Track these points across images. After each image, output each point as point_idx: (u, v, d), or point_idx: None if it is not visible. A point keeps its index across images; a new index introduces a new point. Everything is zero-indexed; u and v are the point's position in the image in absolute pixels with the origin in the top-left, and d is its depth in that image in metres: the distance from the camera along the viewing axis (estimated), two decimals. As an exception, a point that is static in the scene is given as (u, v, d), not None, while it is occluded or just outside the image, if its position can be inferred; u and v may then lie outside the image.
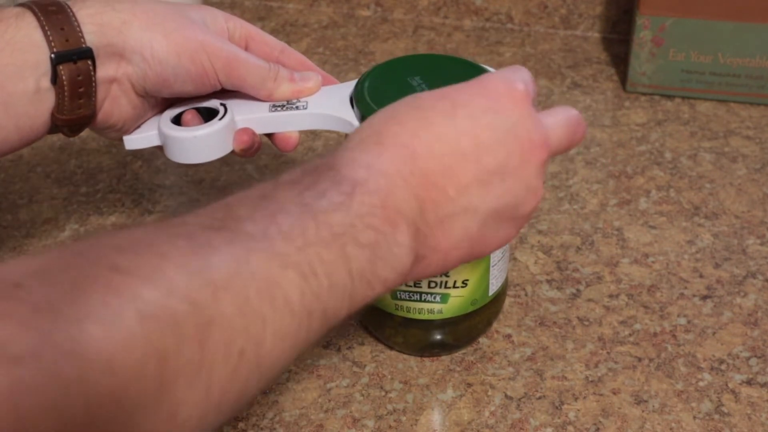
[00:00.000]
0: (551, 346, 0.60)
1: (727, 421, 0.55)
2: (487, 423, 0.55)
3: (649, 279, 0.65)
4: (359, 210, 0.38)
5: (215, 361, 0.32)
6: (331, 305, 0.37)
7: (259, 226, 0.35)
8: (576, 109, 0.46)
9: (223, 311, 0.32)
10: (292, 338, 0.35)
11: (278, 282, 0.34)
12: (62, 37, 0.51)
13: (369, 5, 0.96)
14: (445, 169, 0.41)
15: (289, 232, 0.35)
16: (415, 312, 0.56)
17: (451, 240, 0.42)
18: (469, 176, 0.41)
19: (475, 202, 0.42)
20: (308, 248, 0.36)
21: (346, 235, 0.37)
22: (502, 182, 0.42)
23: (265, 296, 0.34)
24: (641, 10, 0.79)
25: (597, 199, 0.72)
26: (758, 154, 0.76)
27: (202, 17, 0.56)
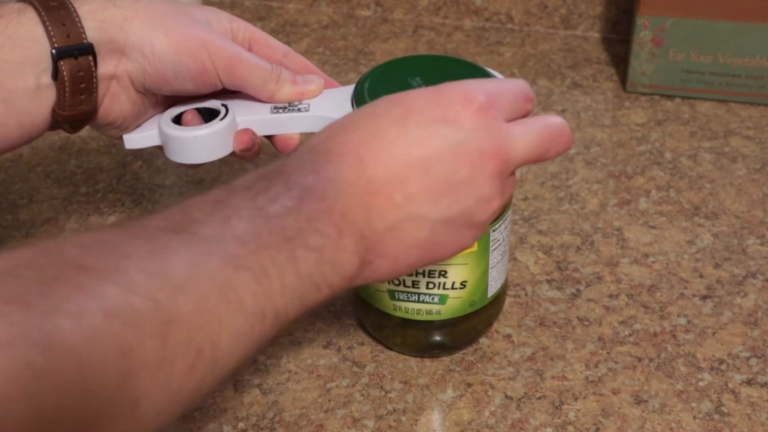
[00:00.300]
0: (551, 346, 0.60)
1: (727, 421, 0.55)
2: (487, 423, 0.55)
3: (649, 279, 0.65)
4: (308, 215, 0.39)
5: (175, 357, 0.33)
6: (282, 306, 0.38)
7: (215, 230, 0.37)
8: (562, 118, 0.46)
9: (181, 310, 0.33)
10: (246, 338, 0.36)
11: (233, 283, 0.36)
12: (63, 33, 0.51)
13: (369, 5, 0.96)
14: (393, 177, 0.41)
15: (243, 235, 0.37)
16: (413, 313, 0.56)
17: (400, 247, 0.43)
18: (417, 185, 0.42)
19: (423, 210, 0.42)
20: (261, 251, 0.37)
21: (296, 239, 0.38)
22: (452, 192, 0.43)
23: (221, 297, 0.35)
24: (641, 10, 0.79)
25: (597, 199, 0.72)
26: (758, 154, 0.76)
27: (205, 17, 0.56)
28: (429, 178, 0.42)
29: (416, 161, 0.42)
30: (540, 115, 0.46)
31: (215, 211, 0.37)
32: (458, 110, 0.42)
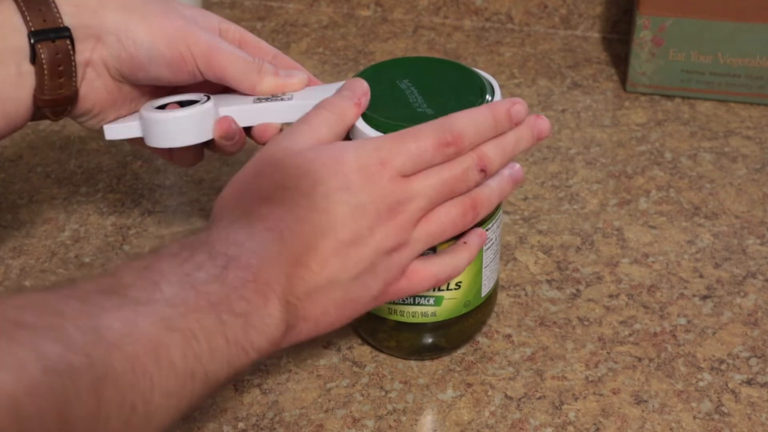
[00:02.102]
0: (551, 346, 0.60)
1: (727, 421, 0.55)
2: (487, 423, 0.55)
3: (649, 279, 0.65)
4: (233, 283, 0.41)
5: (110, 414, 0.34)
6: (211, 369, 0.39)
7: (145, 293, 0.38)
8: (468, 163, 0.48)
9: (115, 367, 0.35)
10: (177, 397, 0.38)
11: (164, 343, 0.37)
12: (40, 18, 0.52)
13: (369, 5, 0.96)
14: (309, 246, 0.45)
15: (172, 298, 0.38)
16: (409, 315, 0.56)
17: (319, 309, 0.46)
18: (328, 250, 0.45)
19: (336, 273, 0.45)
20: (189, 314, 0.39)
21: (222, 305, 0.40)
22: (357, 252, 0.46)
23: (152, 356, 0.36)
24: (641, 10, 0.79)
25: (597, 199, 0.72)
26: (758, 154, 0.76)
27: (191, 12, 0.56)
28: (336, 242, 0.45)
29: (325, 228, 0.45)
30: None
31: (144, 275, 0.39)
32: (355, 178, 0.46)
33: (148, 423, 0.36)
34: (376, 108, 0.51)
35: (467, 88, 0.53)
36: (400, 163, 0.46)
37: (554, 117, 0.81)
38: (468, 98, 0.52)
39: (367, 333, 0.60)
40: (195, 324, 0.39)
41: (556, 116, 0.81)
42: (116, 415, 0.34)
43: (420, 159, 0.47)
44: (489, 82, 0.54)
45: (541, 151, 0.77)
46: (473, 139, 0.48)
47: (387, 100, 0.52)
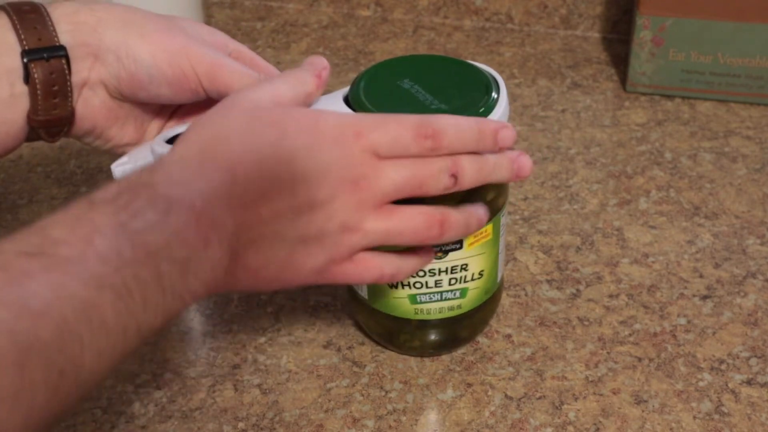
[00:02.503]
0: (551, 346, 0.60)
1: (727, 421, 0.55)
2: (487, 423, 0.55)
3: (649, 279, 0.65)
4: (174, 227, 0.39)
5: (36, 385, 0.33)
6: (145, 321, 0.38)
7: (75, 249, 0.36)
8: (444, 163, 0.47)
9: (41, 336, 0.33)
10: (109, 356, 0.37)
11: (95, 303, 0.36)
12: (35, 36, 0.50)
13: (369, 5, 0.96)
14: (263, 194, 0.43)
15: (106, 253, 0.37)
16: (435, 312, 0.56)
17: (260, 261, 0.44)
18: (283, 203, 0.43)
19: (284, 228, 0.44)
20: (124, 269, 0.37)
21: (160, 254, 0.38)
22: (311, 212, 0.44)
23: (83, 318, 0.35)
24: (641, 10, 0.79)
25: (597, 199, 0.72)
26: (758, 154, 0.76)
27: (197, 29, 0.55)
28: (293, 197, 0.44)
29: (284, 181, 0.43)
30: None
31: (76, 229, 0.37)
32: (326, 139, 0.45)
33: (78, 386, 0.35)
34: (387, 106, 0.51)
35: (473, 84, 0.53)
36: (376, 138, 0.45)
37: (554, 117, 0.81)
38: (474, 94, 0.52)
39: (385, 338, 0.59)
40: (130, 278, 0.37)
41: (556, 116, 0.81)
42: (43, 385, 0.33)
43: (396, 142, 0.46)
44: (494, 78, 0.54)
45: (541, 151, 0.77)
46: (453, 141, 0.47)
47: (396, 98, 0.52)
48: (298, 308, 0.64)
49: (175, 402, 0.57)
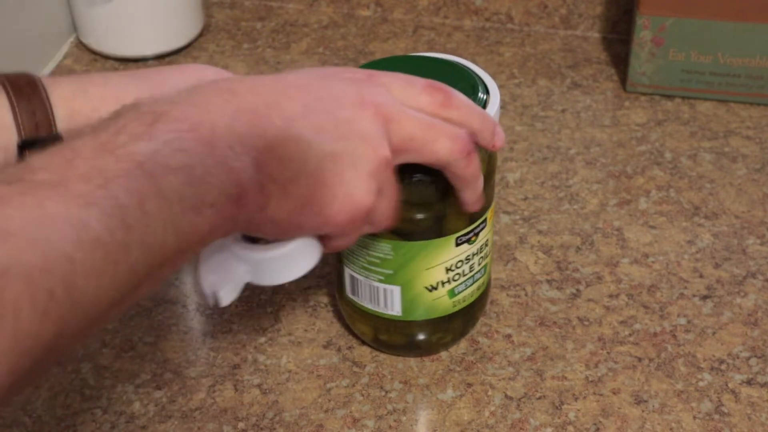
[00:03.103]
0: (551, 346, 0.60)
1: (727, 421, 0.55)
2: (487, 423, 0.55)
3: (649, 279, 0.65)
4: (164, 136, 0.37)
5: (20, 306, 0.32)
6: (150, 234, 0.36)
7: (55, 174, 0.35)
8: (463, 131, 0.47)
9: (20, 258, 0.32)
10: (110, 275, 0.35)
11: (82, 221, 0.34)
12: (32, 122, 0.49)
13: (369, 5, 0.96)
14: (268, 103, 0.41)
15: (88, 172, 0.35)
16: (468, 297, 0.58)
17: (287, 173, 0.41)
18: (296, 108, 0.42)
19: (306, 134, 0.42)
20: (110, 183, 0.35)
21: (150, 162, 0.36)
22: (336, 127, 0.43)
23: (69, 237, 0.33)
24: (641, 10, 0.79)
25: (597, 199, 0.72)
26: (758, 154, 0.76)
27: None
28: (309, 110, 0.42)
29: (291, 86, 0.42)
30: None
31: (55, 156, 0.36)
32: (342, 72, 0.45)
33: (74, 307, 0.33)
34: None
35: (459, 85, 0.52)
36: (388, 79, 0.45)
37: (554, 117, 0.81)
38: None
39: (426, 349, 0.59)
40: (119, 191, 0.35)
41: (556, 116, 0.81)
42: (29, 307, 0.32)
43: (409, 85, 0.46)
44: (481, 78, 0.54)
45: (541, 151, 0.77)
46: (461, 107, 0.47)
47: None
48: (298, 308, 0.64)
49: (175, 402, 0.57)
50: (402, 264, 0.54)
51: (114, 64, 0.89)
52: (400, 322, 0.57)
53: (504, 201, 0.72)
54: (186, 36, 0.90)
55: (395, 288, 0.55)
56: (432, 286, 0.55)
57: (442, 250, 0.54)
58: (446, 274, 0.55)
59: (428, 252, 0.53)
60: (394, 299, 0.55)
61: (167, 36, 0.89)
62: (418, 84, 0.46)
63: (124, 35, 0.88)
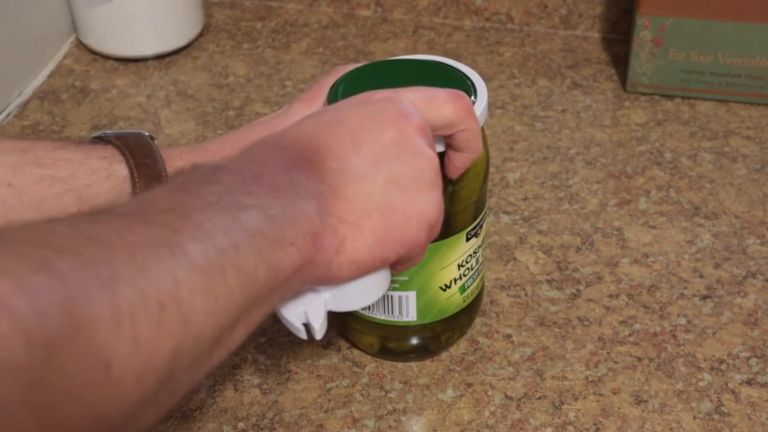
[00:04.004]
0: (551, 346, 0.60)
1: (727, 421, 0.55)
2: (487, 423, 0.55)
3: (649, 279, 0.65)
4: (230, 182, 0.38)
5: (135, 310, 0.32)
6: (242, 261, 0.36)
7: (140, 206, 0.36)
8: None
9: (124, 268, 0.32)
10: (212, 296, 0.35)
11: (175, 242, 0.34)
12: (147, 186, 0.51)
13: (369, 5, 0.96)
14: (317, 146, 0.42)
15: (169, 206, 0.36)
16: (475, 290, 0.58)
17: (357, 211, 0.42)
18: (344, 145, 0.42)
19: (363, 170, 0.42)
20: (192, 214, 0.36)
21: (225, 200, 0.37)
22: (385, 152, 0.43)
23: (165, 256, 0.34)
24: (641, 10, 0.79)
25: (597, 199, 0.72)
26: (758, 154, 0.76)
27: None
28: (358, 142, 0.43)
29: (337, 130, 0.43)
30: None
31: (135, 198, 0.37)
32: (368, 97, 0.45)
33: (186, 324, 0.34)
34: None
35: (449, 86, 0.52)
36: (413, 96, 0.46)
37: (554, 117, 0.81)
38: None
39: (434, 348, 0.60)
40: (202, 220, 0.36)
41: (556, 116, 0.81)
42: (144, 313, 0.32)
43: (434, 97, 0.47)
44: (471, 80, 0.53)
45: (541, 151, 0.77)
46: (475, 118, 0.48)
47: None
48: (298, 308, 0.64)
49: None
50: (417, 268, 0.54)
51: (114, 64, 0.89)
52: (412, 327, 0.57)
53: (504, 201, 0.72)
54: (186, 36, 0.90)
55: (410, 294, 0.55)
56: (446, 285, 0.55)
57: (455, 247, 0.54)
58: (458, 271, 0.55)
59: (443, 251, 0.54)
60: (410, 305, 0.56)
61: (167, 36, 0.89)
62: (441, 96, 0.47)
63: (124, 35, 0.88)
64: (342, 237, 0.41)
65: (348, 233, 0.42)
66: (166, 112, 0.83)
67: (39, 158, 0.50)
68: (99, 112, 0.83)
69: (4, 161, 0.49)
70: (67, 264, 0.31)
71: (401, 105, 0.45)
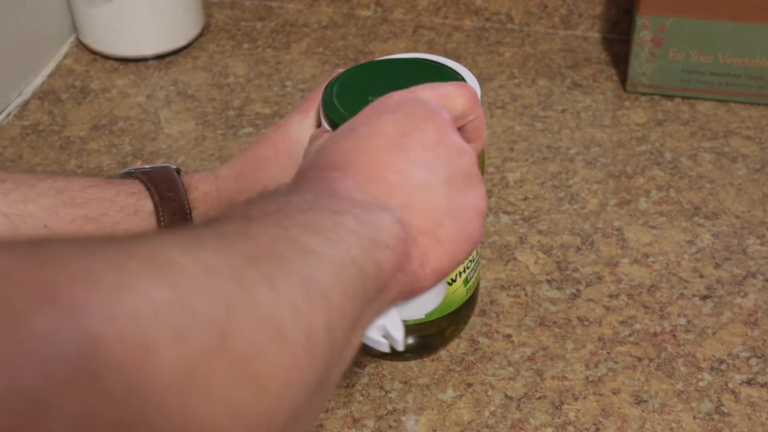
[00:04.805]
0: (551, 346, 0.60)
1: (727, 421, 0.55)
2: (487, 423, 0.55)
3: (649, 279, 0.65)
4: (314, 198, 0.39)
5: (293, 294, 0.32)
6: (357, 255, 0.37)
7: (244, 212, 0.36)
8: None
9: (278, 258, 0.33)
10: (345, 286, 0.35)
11: (293, 237, 0.35)
12: (172, 220, 0.52)
13: (369, 5, 0.96)
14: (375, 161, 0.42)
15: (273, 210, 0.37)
16: (475, 281, 0.58)
17: (429, 220, 0.42)
18: (397, 156, 0.43)
19: (423, 178, 0.42)
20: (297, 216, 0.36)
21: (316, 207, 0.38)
22: (435, 154, 0.43)
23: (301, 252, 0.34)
24: (641, 10, 0.79)
25: (597, 199, 0.72)
26: (758, 154, 0.76)
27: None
28: (408, 150, 0.43)
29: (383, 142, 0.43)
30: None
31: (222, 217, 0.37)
32: (386, 102, 0.45)
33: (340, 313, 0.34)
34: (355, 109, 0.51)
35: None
36: (428, 94, 0.46)
37: (554, 117, 0.81)
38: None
39: (438, 344, 0.60)
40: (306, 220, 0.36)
41: (556, 116, 0.81)
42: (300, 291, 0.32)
43: (447, 92, 0.47)
44: (462, 77, 0.53)
45: (541, 151, 0.77)
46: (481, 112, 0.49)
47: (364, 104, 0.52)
48: (298, 308, 0.64)
49: (175, 402, 0.57)
50: None
51: (114, 64, 0.89)
52: (417, 325, 0.57)
53: (504, 201, 0.72)
54: (186, 36, 0.90)
55: None
56: (452, 279, 0.55)
57: None
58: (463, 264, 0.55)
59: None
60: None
61: (167, 36, 0.89)
62: (451, 89, 0.47)
63: (124, 35, 0.88)
64: (423, 247, 0.42)
65: (428, 243, 0.42)
66: (166, 112, 0.83)
67: (73, 198, 0.52)
68: (99, 112, 0.83)
69: (42, 204, 0.51)
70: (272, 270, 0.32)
71: (427, 104, 0.45)
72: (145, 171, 0.55)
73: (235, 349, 0.29)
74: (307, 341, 0.32)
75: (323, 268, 0.34)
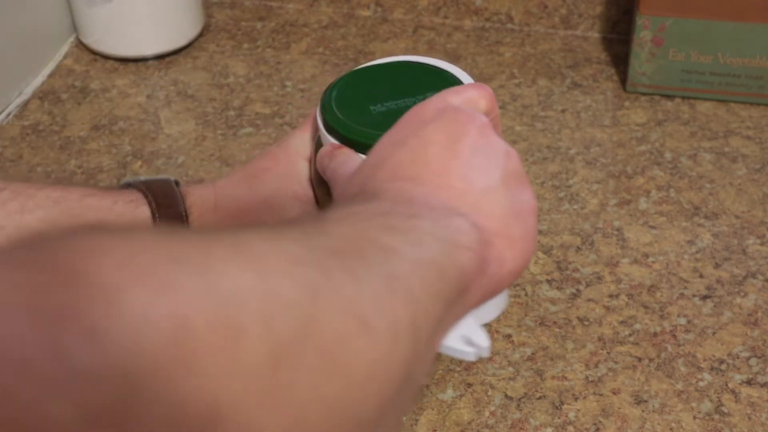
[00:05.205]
0: (551, 346, 0.60)
1: (727, 421, 0.55)
2: (487, 423, 0.55)
3: (649, 279, 0.65)
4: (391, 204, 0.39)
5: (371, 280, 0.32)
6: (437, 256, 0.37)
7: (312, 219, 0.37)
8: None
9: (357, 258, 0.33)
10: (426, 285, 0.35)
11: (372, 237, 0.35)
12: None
13: (369, 5, 0.96)
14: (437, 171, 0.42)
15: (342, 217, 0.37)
16: None
17: (497, 222, 0.42)
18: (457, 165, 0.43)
19: (483, 182, 0.43)
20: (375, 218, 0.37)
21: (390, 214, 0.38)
22: (486, 158, 0.43)
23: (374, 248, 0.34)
24: (641, 10, 0.79)
25: (597, 199, 0.72)
26: (758, 154, 0.76)
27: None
28: (463, 157, 0.43)
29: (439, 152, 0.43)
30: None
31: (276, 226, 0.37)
32: (421, 111, 0.45)
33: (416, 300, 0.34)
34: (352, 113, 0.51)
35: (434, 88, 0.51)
36: (455, 99, 0.47)
37: (554, 117, 0.81)
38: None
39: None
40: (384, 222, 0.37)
41: (556, 116, 0.81)
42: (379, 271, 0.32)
43: (468, 96, 0.48)
44: (459, 80, 0.53)
45: (541, 151, 0.77)
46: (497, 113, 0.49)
47: (364, 108, 0.52)
48: (298, 308, 0.64)
49: (175, 402, 0.57)
50: None
51: (114, 64, 0.89)
52: None
53: (504, 201, 0.72)
54: (186, 36, 0.90)
55: None
56: None
57: None
58: None
59: None
60: None
61: (167, 36, 0.89)
62: (473, 92, 0.47)
63: (124, 35, 0.88)
64: (499, 249, 0.42)
65: (502, 245, 0.42)
66: (166, 112, 0.83)
67: (70, 209, 0.52)
68: (99, 112, 0.83)
69: (39, 216, 0.52)
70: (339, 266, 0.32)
71: (463, 110, 0.45)
72: (143, 181, 0.55)
73: (320, 336, 0.28)
74: (391, 334, 0.32)
75: (405, 264, 0.34)
